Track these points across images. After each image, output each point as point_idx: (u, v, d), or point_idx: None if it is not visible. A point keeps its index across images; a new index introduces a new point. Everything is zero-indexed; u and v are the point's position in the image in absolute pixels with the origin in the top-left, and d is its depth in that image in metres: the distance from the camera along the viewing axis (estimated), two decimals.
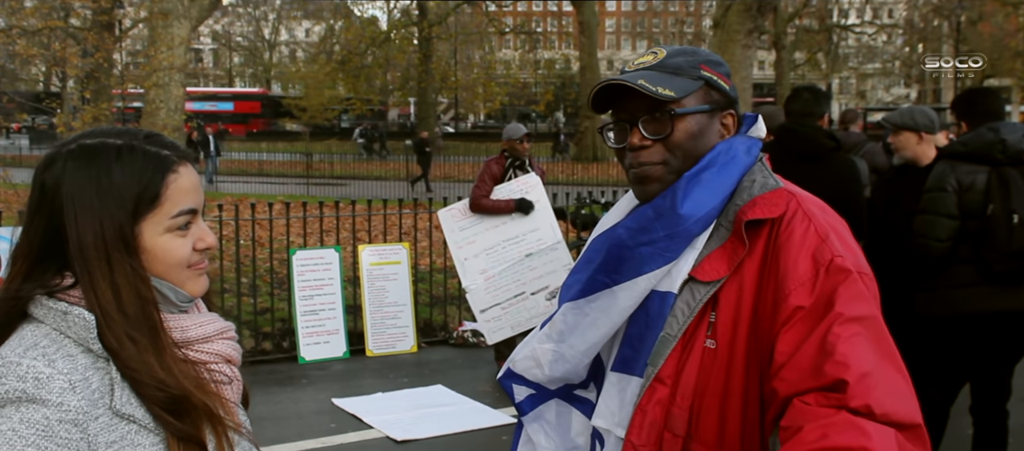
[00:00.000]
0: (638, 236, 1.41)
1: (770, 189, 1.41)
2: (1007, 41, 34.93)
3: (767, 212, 1.36)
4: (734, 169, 1.44)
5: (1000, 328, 3.88)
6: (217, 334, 1.28)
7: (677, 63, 1.47)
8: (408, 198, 9.26)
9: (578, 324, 1.47)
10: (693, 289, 1.37)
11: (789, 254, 1.32)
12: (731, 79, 1.54)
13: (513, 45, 56.74)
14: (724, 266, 1.36)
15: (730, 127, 1.51)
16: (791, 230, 1.34)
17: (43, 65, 15.37)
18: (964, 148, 3.90)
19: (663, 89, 1.42)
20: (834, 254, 1.30)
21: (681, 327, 1.36)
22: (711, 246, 1.40)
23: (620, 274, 1.42)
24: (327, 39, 47.42)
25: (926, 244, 3.84)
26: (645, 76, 1.45)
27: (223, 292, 7.28)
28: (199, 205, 1.26)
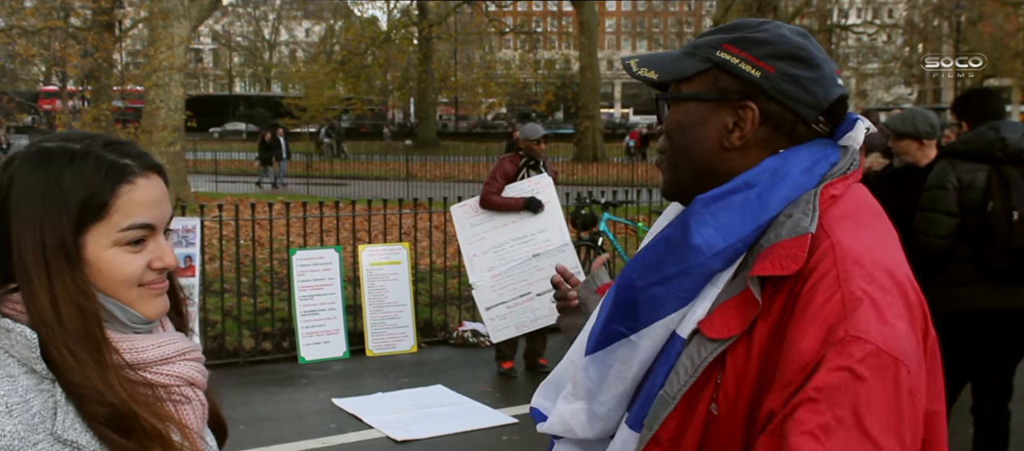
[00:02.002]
0: (648, 275, 1.18)
1: (799, 232, 1.10)
2: (1007, 41, 34.92)
3: (778, 268, 1.09)
4: (779, 192, 1.15)
5: (1000, 327, 3.88)
6: (178, 355, 1.19)
7: (701, 41, 1.25)
8: (408, 198, 9.26)
9: (604, 377, 1.25)
10: (699, 345, 1.13)
11: (799, 325, 1.06)
12: (795, 64, 1.19)
13: (513, 45, 56.75)
14: (736, 323, 1.11)
15: (748, 122, 1.19)
16: (813, 294, 1.06)
17: (43, 65, 15.36)
18: (964, 147, 3.92)
19: (647, 70, 1.25)
20: (850, 331, 1.01)
21: (682, 387, 1.13)
22: (731, 290, 1.14)
23: (637, 321, 1.19)
24: (327, 39, 47.42)
25: (926, 242, 3.85)
26: (655, 55, 1.30)
27: (223, 292, 7.28)
28: (159, 221, 1.16)
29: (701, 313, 1.15)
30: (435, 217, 8.43)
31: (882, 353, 1.01)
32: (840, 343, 1.01)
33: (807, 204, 1.14)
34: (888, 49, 55.53)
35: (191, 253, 6.65)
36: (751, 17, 1.42)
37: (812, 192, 1.15)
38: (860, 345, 1.01)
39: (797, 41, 1.20)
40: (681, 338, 1.16)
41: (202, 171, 24.46)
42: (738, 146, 1.21)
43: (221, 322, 7.12)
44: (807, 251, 1.09)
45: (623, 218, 9.49)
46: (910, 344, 1.04)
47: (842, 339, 1.01)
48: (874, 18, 57.70)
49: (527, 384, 6.48)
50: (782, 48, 1.19)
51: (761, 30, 1.21)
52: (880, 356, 1.01)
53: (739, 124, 1.20)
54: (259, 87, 68.79)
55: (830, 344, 1.01)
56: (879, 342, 1.01)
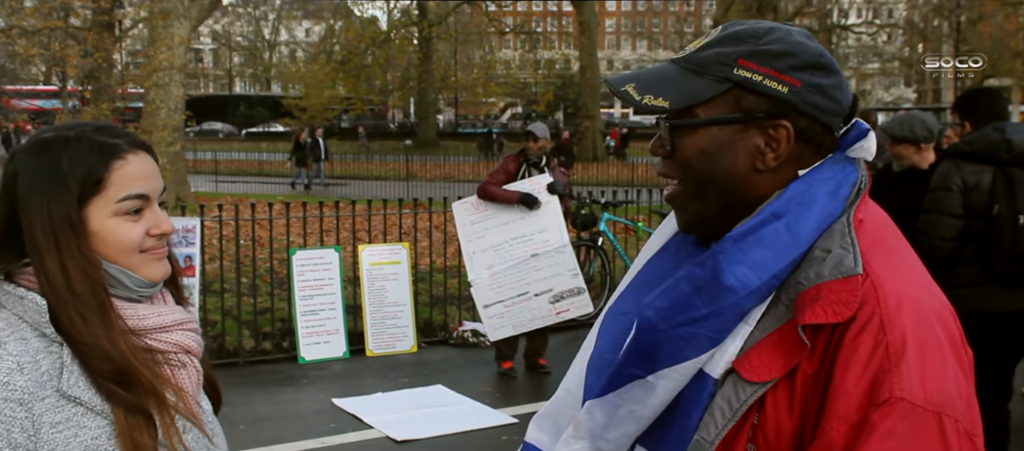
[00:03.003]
0: (674, 316, 1.11)
1: (842, 274, 1.05)
2: (1007, 41, 34.93)
3: (829, 315, 1.03)
4: (810, 220, 1.10)
5: (1002, 328, 3.88)
6: (175, 325, 1.32)
7: (706, 57, 1.15)
8: (408, 198, 9.26)
9: (611, 418, 1.20)
10: (737, 387, 1.07)
11: (842, 374, 1.02)
12: (819, 73, 1.13)
13: (513, 45, 56.75)
14: (778, 365, 1.06)
15: (782, 141, 1.12)
16: (857, 343, 1.02)
17: (43, 65, 15.37)
18: (969, 148, 3.90)
19: (653, 97, 1.15)
20: (894, 391, 0.98)
21: (720, 432, 1.08)
22: (764, 328, 1.08)
23: (655, 363, 1.13)
24: (327, 39, 47.47)
25: (931, 244, 3.84)
26: (653, 75, 1.19)
27: (223, 292, 7.28)
28: (152, 191, 1.29)
29: (732, 350, 1.09)
30: (435, 217, 8.43)
31: (925, 412, 0.98)
32: (885, 404, 0.98)
33: (843, 237, 1.09)
34: (888, 49, 55.58)
35: (191, 253, 6.65)
36: (751, 18, 1.40)
37: (844, 222, 1.11)
38: (904, 406, 0.98)
39: (814, 47, 1.15)
40: (712, 378, 1.10)
41: (202, 171, 24.47)
42: (772, 167, 1.14)
43: (221, 322, 7.12)
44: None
45: (623, 218, 9.49)
46: (956, 387, 1.02)
47: (886, 401, 0.98)
48: (874, 18, 57.71)
49: (527, 384, 6.48)
50: (804, 58, 1.13)
51: (772, 39, 1.14)
52: (924, 414, 0.98)
53: (772, 144, 1.13)
54: (259, 87, 68.79)
55: (875, 405, 0.99)
56: (921, 400, 0.99)
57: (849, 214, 1.12)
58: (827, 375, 1.03)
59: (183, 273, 6.63)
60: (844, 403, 1.00)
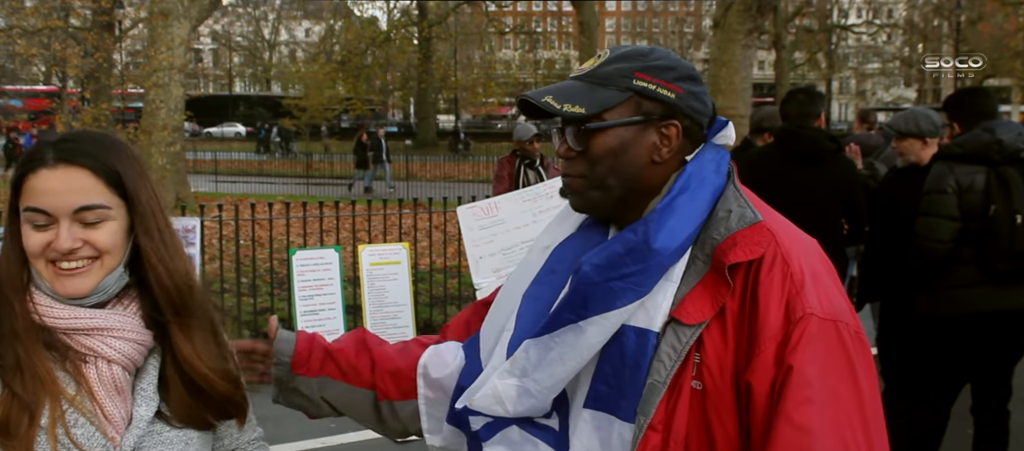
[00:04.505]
0: (607, 272, 1.33)
1: (748, 223, 1.33)
2: (1007, 41, 34.95)
3: (748, 254, 1.30)
4: (705, 193, 1.37)
5: (1002, 327, 3.88)
6: (94, 329, 1.36)
7: (608, 72, 1.40)
8: (408, 198, 9.26)
9: (542, 359, 1.38)
10: (677, 332, 1.31)
11: (765, 303, 1.28)
12: (693, 83, 1.42)
13: (513, 45, 56.78)
14: (708, 307, 1.30)
15: (673, 138, 1.39)
16: (771, 277, 1.29)
17: (43, 65, 15.36)
18: (961, 150, 3.90)
19: (571, 105, 1.37)
20: (805, 309, 1.26)
21: (669, 372, 1.29)
22: (689, 281, 1.33)
23: (587, 309, 1.34)
24: (327, 39, 47.43)
25: (929, 246, 3.84)
26: (566, 88, 1.40)
27: (223, 292, 7.28)
28: (56, 209, 1.33)
29: (665, 305, 1.33)
30: (435, 217, 8.43)
31: (825, 320, 1.27)
32: (801, 320, 1.25)
33: (737, 198, 1.38)
34: (888, 49, 55.56)
35: (191, 253, 6.64)
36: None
37: (732, 188, 1.40)
38: (813, 319, 1.26)
39: (688, 63, 1.44)
40: (653, 332, 1.32)
41: (202, 171, 24.47)
42: (666, 159, 1.40)
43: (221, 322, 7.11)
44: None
45: None
46: (841, 300, 1.31)
47: (801, 317, 1.26)
48: (874, 18, 57.69)
49: None
50: (682, 71, 1.41)
51: (657, 56, 1.41)
52: (825, 323, 1.27)
53: (665, 141, 1.40)
54: (259, 87, 68.79)
55: (793, 322, 1.25)
56: (822, 312, 1.27)
57: (734, 182, 1.41)
58: (751, 306, 1.29)
59: None
60: (770, 325, 1.26)
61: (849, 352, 1.27)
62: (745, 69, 13.00)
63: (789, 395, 1.23)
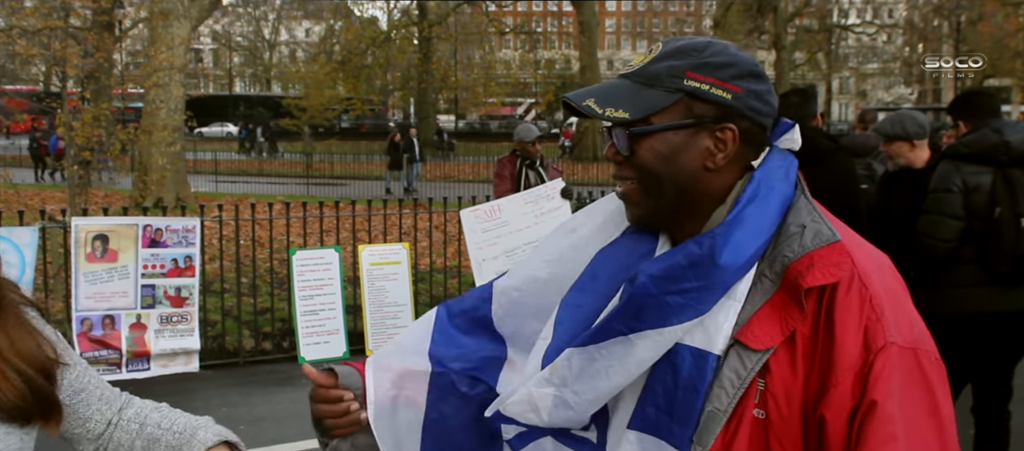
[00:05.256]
0: (665, 285, 1.22)
1: (826, 242, 1.21)
2: (1007, 41, 34.96)
3: (827, 277, 1.18)
4: (774, 203, 1.25)
5: (1002, 328, 3.88)
6: None
7: (657, 71, 1.27)
8: (408, 198, 9.26)
9: (585, 370, 1.28)
10: (742, 356, 1.19)
11: (842, 330, 1.16)
12: (755, 80, 1.28)
13: (513, 45, 56.77)
14: (777, 331, 1.19)
15: (729, 142, 1.27)
16: (848, 301, 1.17)
17: (43, 65, 15.35)
18: (968, 150, 3.90)
19: (614, 109, 1.25)
20: (887, 337, 1.16)
21: (732, 400, 1.18)
22: (755, 301, 1.21)
23: (640, 322, 1.24)
24: (327, 39, 47.43)
25: (932, 245, 3.84)
26: (608, 90, 1.29)
27: (223, 292, 7.28)
28: None
29: (727, 325, 1.21)
30: (435, 217, 8.43)
31: (906, 350, 1.16)
32: (882, 350, 1.15)
33: (811, 212, 1.26)
34: (888, 49, 55.58)
35: (191, 253, 6.65)
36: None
37: (804, 200, 1.28)
38: (895, 349, 1.15)
39: (750, 58, 1.30)
40: (713, 355, 1.21)
41: (202, 171, 24.48)
42: (722, 166, 1.27)
43: (221, 322, 7.12)
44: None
45: None
46: (919, 325, 1.22)
47: (883, 347, 1.15)
48: (874, 18, 57.72)
49: None
50: (743, 68, 1.27)
51: (714, 52, 1.27)
52: (906, 352, 1.16)
53: (720, 146, 1.27)
54: (259, 87, 68.79)
55: (874, 352, 1.15)
56: (903, 341, 1.16)
57: (805, 192, 1.29)
58: (826, 332, 1.17)
59: (183, 273, 6.60)
60: (848, 354, 1.15)
61: (930, 382, 1.18)
62: None
63: (872, 433, 1.13)
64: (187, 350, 6.62)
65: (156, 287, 6.56)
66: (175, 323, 6.61)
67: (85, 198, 10.36)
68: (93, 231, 6.44)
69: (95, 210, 8.73)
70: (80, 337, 6.34)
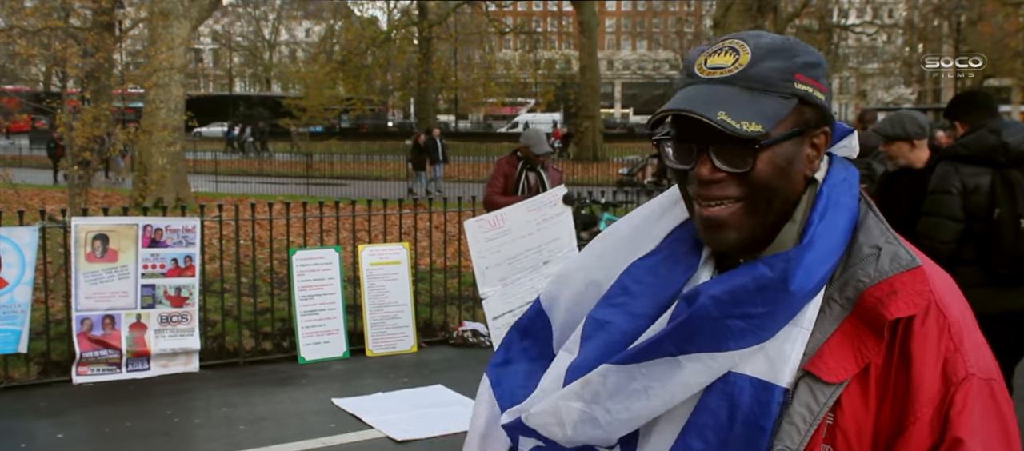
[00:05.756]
0: (728, 308, 1.11)
1: (905, 267, 1.11)
2: (1007, 41, 34.96)
3: (911, 307, 1.09)
4: (843, 220, 1.15)
5: (1002, 328, 3.88)
6: None
7: (766, 74, 1.12)
8: (408, 198, 9.26)
9: (622, 389, 1.17)
10: (814, 390, 1.09)
11: (920, 361, 1.09)
12: (827, 78, 1.19)
13: (513, 45, 56.72)
14: (852, 363, 1.09)
15: (821, 147, 1.18)
16: (926, 331, 1.09)
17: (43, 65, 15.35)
18: (966, 151, 3.90)
19: (749, 123, 1.09)
20: (968, 369, 1.09)
21: (804, 438, 1.08)
22: (825, 329, 1.11)
23: (691, 344, 1.13)
24: (327, 39, 47.41)
25: (931, 246, 3.84)
26: (725, 98, 1.11)
27: (223, 292, 7.28)
28: None
29: (794, 355, 1.11)
30: (435, 217, 8.43)
31: (983, 381, 1.10)
32: (963, 382, 1.08)
33: (884, 232, 1.16)
34: (888, 49, 55.56)
35: (191, 253, 6.65)
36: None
37: (873, 216, 1.18)
38: (975, 381, 1.09)
39: (819, 52, 1.19)
40: (780, 387, 1.11)
41: (202, 171, 24.47)
42: (815, 173, 1.18)
43: (221, 322, 7.12)
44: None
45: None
46: (990, 354, 1.15)
47: (964, 379, 1.08)
48: (874, 18, 57.70)
49: None
50: (824, 66, 1.18)
51: (804, 50, 1.17)
52: (984, 384, 1.10)
53: (816, 151, 1.18)
54: (259, 87, 68.78)
55: (954, 384, 1.08)
56: (981, 373, 1.10)
57: (874, 209, 1.18)
58: (901, 363, 1.09)
59: (183, 273, 6.65)
60: (928, 387, 1.07)
61: (1003, 414, 1.12)
62: None
63: (964, 422, 1.07)
64: (187, 350, 6.62)
65: (156, 287, 6.56)
66: (175, 323, 6.61)
67: (85, 198, 10.35)
68: (93, 231, 6.44)
69: (95, 210, 8.72)
70: (80, 337, 6.34)
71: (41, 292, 6.88)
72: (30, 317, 6.21)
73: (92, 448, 5.30)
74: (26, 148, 32.09)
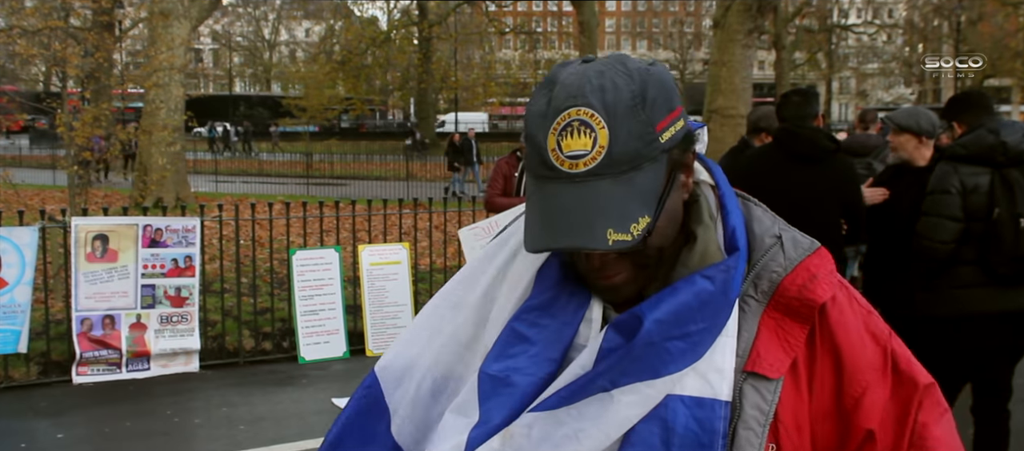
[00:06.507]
0: (670, 329, 1.03)
1: (809, 249, 1.10)
2: (1007, 41, 34.98)
3: (830, 288, 1.08)
4: (738, 216, 1.13)
5: (1001, 327, 3.89)
6: None
7: (631, 146, 1.00)
8: (408, 198, 9.26)
9: (549, 436, 1.06)
10: (760, 390, 1.05)
11: (850, 336, 1.09)
12: (673, 86, 1.08)
13: (513, 45, 56.75)
14: (783, 355, 1.07)
15: (691, 165, 1.11)
16: (840, 306, 1.10)
17: (43, 65, 15.36)
18: (965, 151, 3.90)
19: (636, 225, 1.00)
20: (884, 328, 1.12)
21: (762, 442, 1.04)
22: (749, 327, 1.07)
23: (626, 375, 1.04)
24: (327, 39, 47.44)
25: (931, 246, 3.84)
26: (603, 203, 1.00)
27: (223, 292, 7.28)
28: None
29: (727, 364, 1.05)
30: (435, 217, 8.43)
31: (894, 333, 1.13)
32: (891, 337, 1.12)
33: (773, 219, 1.14)
34: (888, 49, 55.56)
35: (191, 253, 6.65)
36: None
37: (754, 205, 1.16)
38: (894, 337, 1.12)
39: (660, 66, 1.09)
40: (722, 402, 1.04)
41: (202, 171, 24.48)
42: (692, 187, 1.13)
43: (221, 322, 7.12)
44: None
45: None
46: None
47: (889, 333, 1.12)
48: (874, 18, 57.71)
49: None
50: (667, 82, 1.06)
51: (652, 84, 1.03)
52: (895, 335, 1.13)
53: (687, 171, 1.11)
54: (259, 87, 68.80)
55: (887, 340, 1.11)
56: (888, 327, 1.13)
57: (749, 198, 1.17)
58: (825, 343, 1.09)
59: (183, 273, 6.63)
60: (867, 355, 1.09)
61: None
62: (745, 69, 13.00)
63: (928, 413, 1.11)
64: (187, 350, 6.63)
65: (156, 287, 6.56)
66: (175, 323, 6.61)
67: (85, 198, 10.35)
68: (93, 231, 6.44)
69: (95, 210, 8.73)
70: (80, 337, 6.34)
71: (41, 292, 6.88)
72: (30, 317, 6.21)
73: (92, 448, 5.30)
74: (26, 148, 32.09)
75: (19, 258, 6.18)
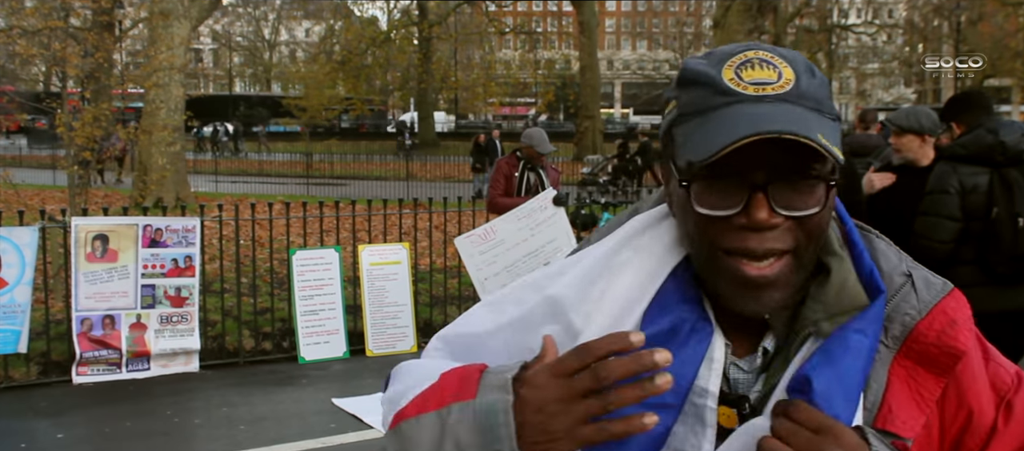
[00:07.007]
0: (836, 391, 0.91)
1: (943, 290, 0.96)
2: (1007, 41, 34.97)
3: (970, 334, 0.95)
4: (865, 249, 0.99)
5: (1000, 327, 3.88)
6: None
7: (815, 90, 0.91)
8: (408, 198, 9.27)
9: None
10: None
11: (980, 399, 0.96)
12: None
13: (513, 45, 56.73)
14: (918, 411, 0.93)
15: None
16: (974, 359, 0.98)
17: (43, 65, 15.37)
18: (964, 151, 3.91)
19: (838, 151, 0.88)
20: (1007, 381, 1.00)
21: None
22: (878, 376, 0.93)
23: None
24: (327, 39, 47.39)
25: (929, 246, 3.85)
26: (802, 118, 0.88)
27: (223, 292, 7.28)
28: None
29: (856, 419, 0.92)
30: (435, 217, 8.43)
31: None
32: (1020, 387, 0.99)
33: (897, 253, 1.01)
34: (888, 49, 55.55)
35: (191, 253, 6.65)
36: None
37: (876, 238, 1.02)
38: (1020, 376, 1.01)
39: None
40: None
41: (202, 171, 24.47)
42: None
43: (221, 322, 7.12)
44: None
45: None
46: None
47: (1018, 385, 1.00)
48: (874, 18, 57.70)
49: None
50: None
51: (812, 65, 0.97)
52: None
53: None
54: (259, 87, 68.79)
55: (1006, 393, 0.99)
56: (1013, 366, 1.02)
57: (869, 229, 1.04)
58: (956, 396, 0.96)
59: (183, 273, 6.64)
60: (986, 410, 0.97)
61: None
62: None
63: None
64: (187, 350, 6.63)
65: (156, 287, 6.56)
66: (175, 323, 6.61)
67: (85, 198, 10.35)
68: (93, 231, 6.45)
69: (95, 210, 8.72)
70: (80, 337, 6.34)
71: (41, 292, 6.88)
72: (30, 317, 6.21)
73: (92, 448, 5.30)
74: (26, 148, 32.07)
75: (19, 258, 6.18)
